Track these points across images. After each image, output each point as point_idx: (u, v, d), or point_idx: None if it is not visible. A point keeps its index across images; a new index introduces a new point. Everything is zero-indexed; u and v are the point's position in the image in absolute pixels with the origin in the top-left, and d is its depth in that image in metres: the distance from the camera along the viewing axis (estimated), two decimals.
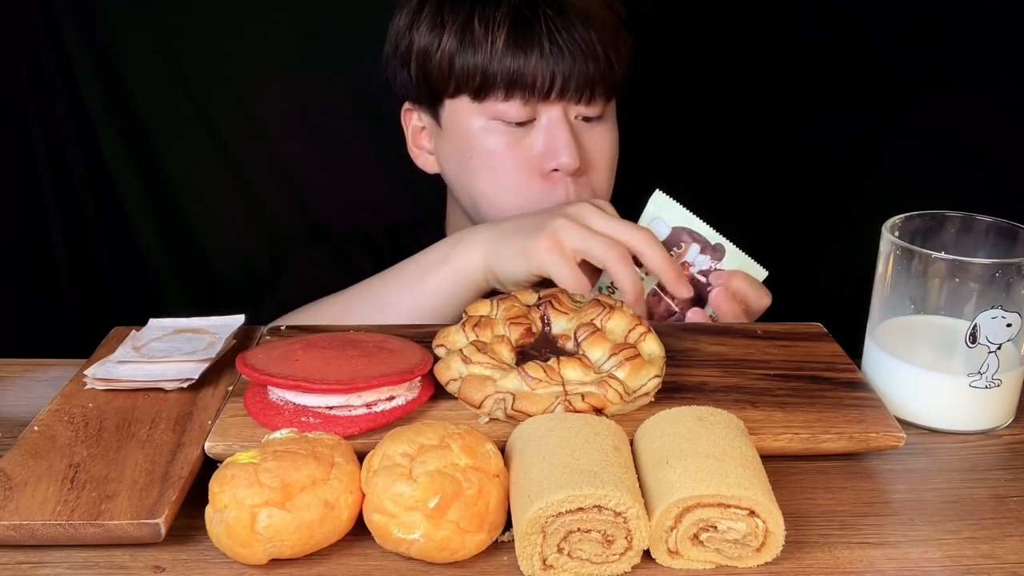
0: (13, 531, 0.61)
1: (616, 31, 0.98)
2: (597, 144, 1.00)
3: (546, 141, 0.96)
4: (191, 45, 1.28)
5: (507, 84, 0.94)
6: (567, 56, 0.93)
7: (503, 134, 0.97)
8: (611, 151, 1.02)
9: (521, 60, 0.93)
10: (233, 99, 1.31)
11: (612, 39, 0.97)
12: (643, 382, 0.73)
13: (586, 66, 0.94)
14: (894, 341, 0.80)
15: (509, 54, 0.93)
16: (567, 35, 0.93)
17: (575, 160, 0.95)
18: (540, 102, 0.95)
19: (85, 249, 1.34)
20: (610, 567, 0.61)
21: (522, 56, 0.93)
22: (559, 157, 0.95)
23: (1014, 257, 0.75)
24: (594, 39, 0.95)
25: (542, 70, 0.93)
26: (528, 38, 0.93)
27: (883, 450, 0.73)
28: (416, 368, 0.73)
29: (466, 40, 0.94)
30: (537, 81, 0.93)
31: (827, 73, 1.29)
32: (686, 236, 0.94)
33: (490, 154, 0.98)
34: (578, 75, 0.94)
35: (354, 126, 1.33)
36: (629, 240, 0.86)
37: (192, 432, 0.71)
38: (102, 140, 1.30)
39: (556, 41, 0.93)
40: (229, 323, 0.85)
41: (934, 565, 0.63)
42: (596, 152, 1.00)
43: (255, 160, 1.34)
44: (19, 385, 0.84)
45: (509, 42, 0.93)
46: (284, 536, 0.60)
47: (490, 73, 0.94)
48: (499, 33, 0.93)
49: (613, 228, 0.87)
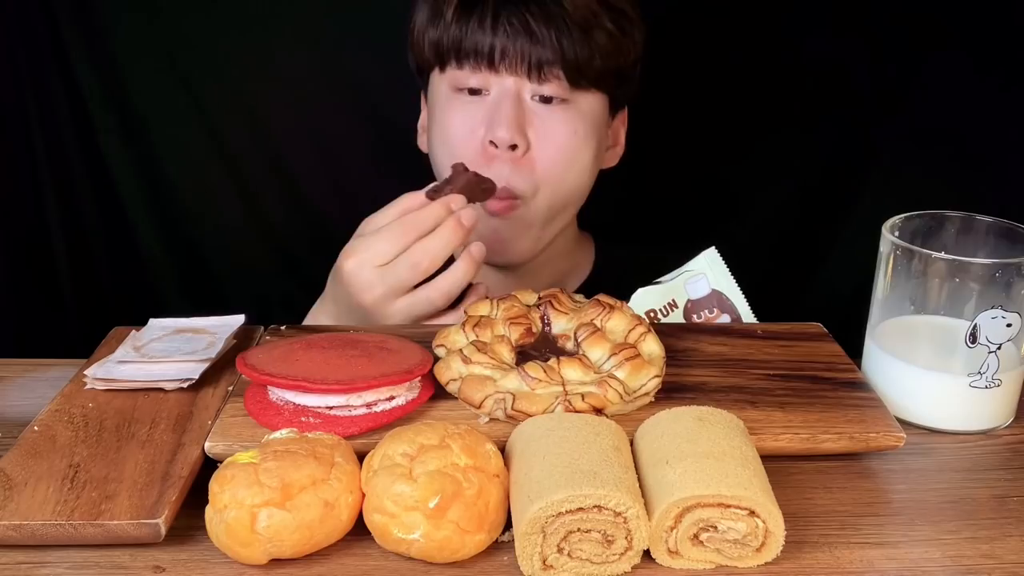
0: (13, 531, 0.61)
1: (595, 21, 0.98)
2: (548, 127, 0.98)
3: (490, 113, 0.98)
4: (191, 45, 1.28)
5: (456, 53, 0.98)
6: (509, 31, 0.95)
7: (460, 106, 1.00)
8: (566, 137, 0.99)
9: (465, 29, 0.96)
10: (233, 99, 1.31)
11: (582, 26, 0.96)
12: (643, 382, 0.73)
13: (530, 44, 0.95)
14: (894, 341, 0.80)
15: (455, 22, 0.97)
16: (513, 11, 0.95)
17: (511, 135, 0.95)
18: (491, 74, 0.97)
19: (85, 249, 1.34)
20: (610, 567, 0.61)
21: (466, 25, 0.96)
22: (496, 130, 0.96)
23: (1014, 257, 0.75)
24: (545, 21, 0.95)
25: (483, 41, 0.96)
26: (473, 9, 0.96)
27: (883, 450, 0.73)
28: (416, 368, 0.73)
29: (433, 12, 1.00)
30: (480, 48, 0.96)
31: (826, 74, 1.29)
32: (720, 302, 0.93)
33: (446, 125, 1.01)
34: (523, 52, 0.95)
35: (355, 126, 1.33)
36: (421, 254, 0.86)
37: (192, 432, 0.71)
38: (102, 140, 1.30)
39: (500, 16, 0.95)
40: (229, 323, 0.85)
41: (934, 565, 0.63)
42: (547, 135, 0.98)
43: (255, 160, 1.34)
44: (19, 385, 0.84)
45: (457, 11, 0.97)
46: (284, 536, 0.60)
47: (443, 42, 0.98)
48: (451, 3, 0.98)
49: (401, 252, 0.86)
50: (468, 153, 0.99)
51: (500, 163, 0.98)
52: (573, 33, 0.96)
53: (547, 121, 0.98)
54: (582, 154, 1.01)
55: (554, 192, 1.01)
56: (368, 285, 0.86)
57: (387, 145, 1.22)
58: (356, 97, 1.32)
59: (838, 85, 1.29)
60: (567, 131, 0.99)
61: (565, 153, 1.00)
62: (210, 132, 1.32)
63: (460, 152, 0.99)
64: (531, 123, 0.98)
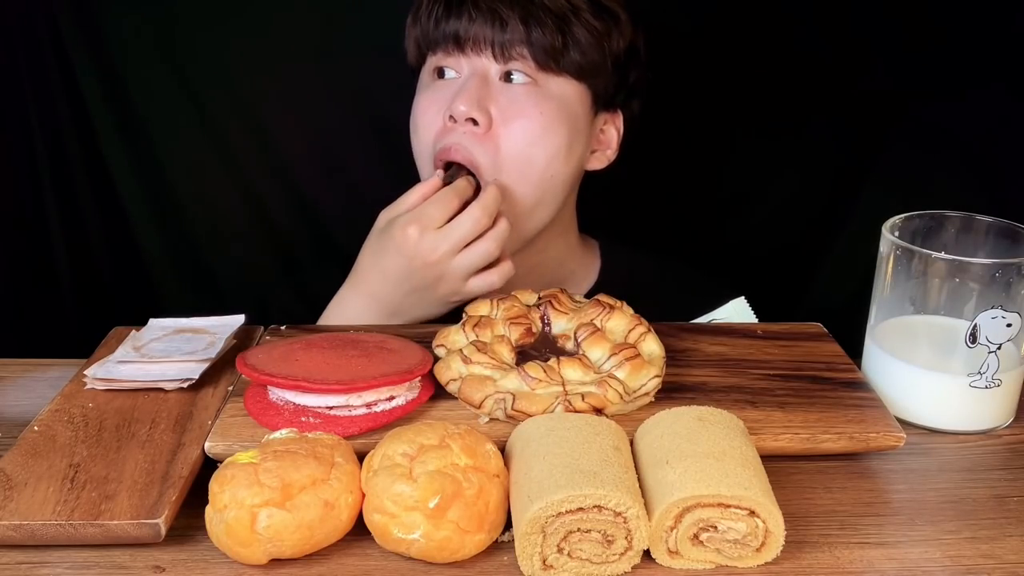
0: (13, 531, 0.61)
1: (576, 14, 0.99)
2: (513, 104, 0.99)
3: (454, 89, 1.00)
4: (191, 45, 1.28)
5: (430, 41, 1.02)
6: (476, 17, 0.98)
7: (431, 88, 1.03)
8: (531, 118, 0.99)
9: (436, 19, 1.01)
10: (233, 99, 1.31)
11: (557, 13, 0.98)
12: (643, 382, 0.73)
13: (497, 26, 0.98)
14: (894, 341, 0.80)
15: (431, 15, 1.01)
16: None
17: (469, 107, 0.97)
18: (460, 56, 1.00)
19: (85, 249, 1.33)
20: (610, 567, 0.61)
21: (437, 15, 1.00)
22: (455, 104, 0.98)
23: (1014, 257, 0.75)
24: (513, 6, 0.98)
25: (456, 26, 0.99)
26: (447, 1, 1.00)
27: (883, 450, 0.73)
28: (416, 368, 0.73)
29: (416, 10, 1.04)
30: (450, 32, 1.00)
31: (826, 75, 1.29)
32: None
33: (417, 109, 1.04)
34: (489, 35, 0.98)
35: (355, 126, 1.33)
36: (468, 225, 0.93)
37: (192, 432, 0.71)
38: (102, 140, 1.30)
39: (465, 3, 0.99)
40: (229, 323, 0.85)
41: (934, 565, 0.63)
42: (510, 110, 0.98)
43: (255, 160, 1.34)
44: (19, 385, 0.84)
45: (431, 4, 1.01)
46: (284, 536, 0.60)
47: (420, 34, 1.03)
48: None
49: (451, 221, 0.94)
50: (431, 133, 1.01)
51: (458, 135, 0.99)
52: (545, 19, 0.98)
53: (512, 100, 0.99)
54: (550, 136, 1.00)
55: (522, 172, 0.99)
56: (432, 247, 0.93)
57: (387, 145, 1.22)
58: (357, 98, 1.32)
59: (838, 86, 1.29)
60: (531, 109, 0.99)
61: (529, 131, 0.99)
62: (210, 132, 1.32)
63: (424, 132, 1.02)
64: (495, 100, 0.99)
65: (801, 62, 1.28)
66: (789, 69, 1.29)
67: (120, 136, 1.30)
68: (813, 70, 1.29)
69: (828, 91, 1.30)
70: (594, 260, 1.16)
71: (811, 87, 1.30)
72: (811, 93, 1.30)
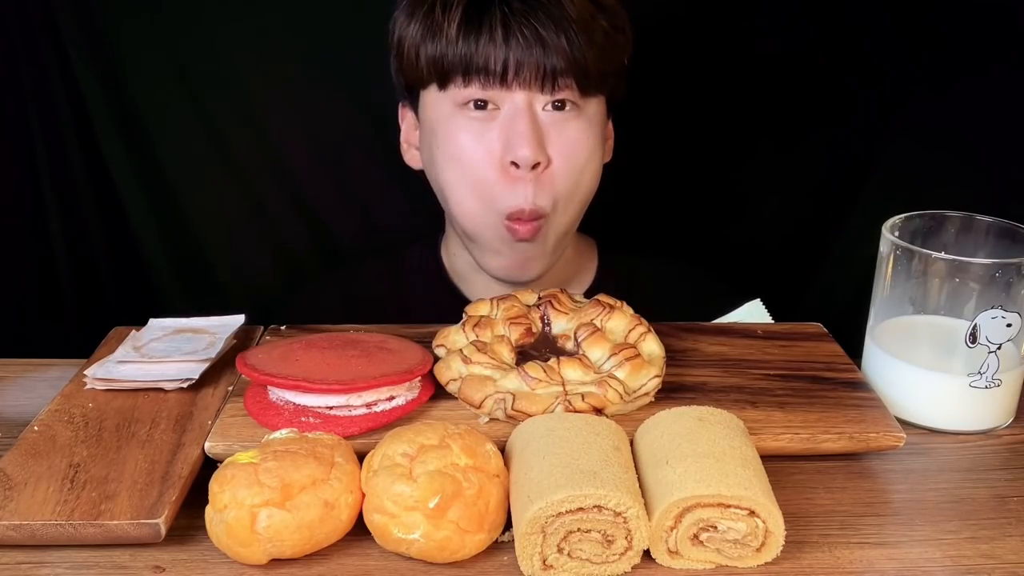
0: (13, 531, 0.61)
1: (594, 23, 0.95)
2: (565, 138, 0.96)
3: (506, 132, 0.94)
4: (191, 45, 1.28)
5: (463, 70, 0.93)
6: (522, 43, 0.91)
7: (468, 124, 0.96)
8: (581, 148, 0.97)
9: (473, 45, 0.92)
10: (234, 99, 1.31)
11: (586, 30, 0.94)
12: (643, 382, 0.73)
13: (543, 54, 0.92)
14: (894, 341, 0.80)
15: (461, 38, 0.92)
16: (523, 21, 0.92)
17: (534, 153, 0.92)
18: (501, 89, 0.93)
19: (85, 249, 1.33)
20: (610, 567, 0.61)
21: (473, 41, 0.92)
22: (517, 150, 0.93)
23: (1014, 257, 0.75)
24: (556, 28, 0.92)
25: (495, 55, 0.92)
26: (480, 23, 0.92)
27: (883, 450, 0.73)
28: (416, 368, 0.73)
29: (429, 28, 0.94)
30: (490, 65, 0.92)
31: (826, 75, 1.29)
32: None
33: (455, 145, 0.96)
34: (535, 63, 0.92)
35: (356, 126, 1.33)
36: None
37: (192, 432, 0.71)
38: (102, 140, 1.30)
39: (510, 26, 0.91)
40: (229, 323, 0.85)
41: (934, 565, 0.63)
42: (563, 147, 0.95)
43: (255, 160, 1.34)
44: (19, 385, 0.84)
45: (462, 27, 0.92)
46: (284, 536, 0.60)
47: (447, 59, 0.93)
48: (454, 18, 0.93)
49: None
50: (487, 175, 0.95)
51: (524, 184, 0.94)
52: (579, 37, 0.93)
53: (563, 132, 0.96)
54: (594, 161, 0.99)
55: (570, 203, 0.99)
56: None
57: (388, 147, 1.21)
58: (357, 98, 1.32)
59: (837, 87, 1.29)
60: (580, 138, 0.97)
61: (581, 163, 0.97)
62: (211, 133, 1.32)
63: (480, 176, 0.96)
64: (548, 136, 0.95)
65: (801, 63, 1.28)
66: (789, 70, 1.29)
67: (120, 136, 1.30)
68: (813, 71, 1.29)
69: (828, 91, 1.30)
70: (592, 260, 1.17)
71: (811, 88, 1.30)
72: (811, 93, 1.30)
